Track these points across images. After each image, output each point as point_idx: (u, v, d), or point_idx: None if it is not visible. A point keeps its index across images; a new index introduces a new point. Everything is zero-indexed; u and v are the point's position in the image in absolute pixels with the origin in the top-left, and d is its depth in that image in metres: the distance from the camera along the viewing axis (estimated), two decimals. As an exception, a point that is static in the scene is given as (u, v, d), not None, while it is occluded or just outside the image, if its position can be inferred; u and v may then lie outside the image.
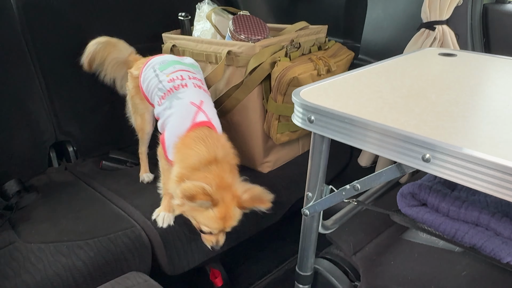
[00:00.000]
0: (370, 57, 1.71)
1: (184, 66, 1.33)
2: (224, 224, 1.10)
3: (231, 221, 1.12)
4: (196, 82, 1.27)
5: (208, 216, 1.08)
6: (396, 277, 0.89)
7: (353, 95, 0.82)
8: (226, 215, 1.09)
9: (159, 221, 1.24)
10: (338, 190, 0.80)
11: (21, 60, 1.47)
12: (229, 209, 1.09)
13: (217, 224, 1.09)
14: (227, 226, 1.12)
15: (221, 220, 1.09)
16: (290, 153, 1.64)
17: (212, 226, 1.10)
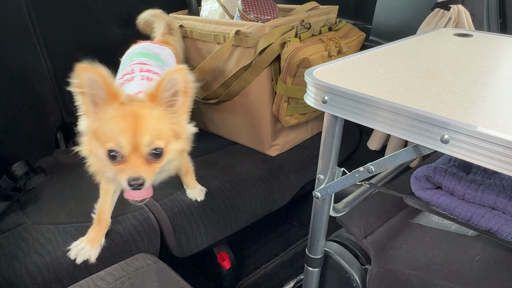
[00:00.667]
0: (382, 39, 1.67)
1: (144, 58, 1.17)
2: (133, 128, 0.78)
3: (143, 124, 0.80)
4: (147, 75, 1.10)
5: (107, 117, 0.80)
6: (408, 261, 0.88)
7: (368, 75, 0.80)
8: (134, 114, 0.79)
9: (72, 254, 1.03)
10: (351, 172, 0.78)
11: (27, 41, 1.45)
12: (136, 107, 0.81)
13: (120, 124, 0.79)
14: (138, 132, 0.79)
15: (126, 118, 0.79)
16: (299, 136, 1.63)
17: (115, 130, 0.79)
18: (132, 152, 0.80)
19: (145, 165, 0.81)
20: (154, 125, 0.82)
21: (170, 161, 0.88)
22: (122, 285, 0.94)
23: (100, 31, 1.62)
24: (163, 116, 0.83)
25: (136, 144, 0.79)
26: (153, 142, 0.81)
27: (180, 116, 0.87)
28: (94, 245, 1.06)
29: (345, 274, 0.96)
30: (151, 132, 0.80)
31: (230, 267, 1.50)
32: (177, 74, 0.81)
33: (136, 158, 0.80)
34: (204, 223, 1.27)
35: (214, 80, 1.57)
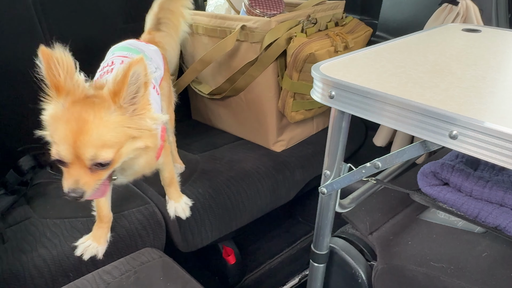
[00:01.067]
0: (389, 34, 1.66)
1: (127, 52, 1.11)
2: (74, 136, 0.70)
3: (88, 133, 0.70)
4: None
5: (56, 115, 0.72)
6: (414, 257, 0.88)
7: (375, 70, 0.79)
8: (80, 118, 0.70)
9: (79, 250, 1.01)
10: (358, 168, 0.78)
11: (33, 36, 1.46)
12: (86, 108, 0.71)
13: (61, 130, 0.71)
14: (80, 141, 0.70)
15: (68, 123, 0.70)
16: (304, 132, 1.62)
17: (56, 135, 0.72)
18: (75, 160, 0.72)
19: (87, 175, 0.73)
20: (101, 135, 0.72)
21: (133, 160, 0.81)
22: (128, 279, 0.95)
23: (106, 27, 1.62)
24: (117, 121, 0.73)
25: (78, 155, 0.71)
26: (97, 155, 0.72)
27: (141, 112, 0.77)
28: (100, 242, 1.06)
29: (350, 270, 0.96)
30: (95, 144, 0.72)
31: (235, 262, 1.50)
32: (140, 66, 0.71)
33: (78, 167, 0.72)
34: (209, 218, 1.27)
35: (219, 76, 1.57)
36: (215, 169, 1.39)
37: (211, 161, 1.45)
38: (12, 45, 1.40)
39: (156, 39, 1.32)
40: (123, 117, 0.74)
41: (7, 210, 1.24)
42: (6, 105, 1.41)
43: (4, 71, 1.39)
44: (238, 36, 1.39)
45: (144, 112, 0.76)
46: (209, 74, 1.60)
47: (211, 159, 1.47)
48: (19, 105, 1.44)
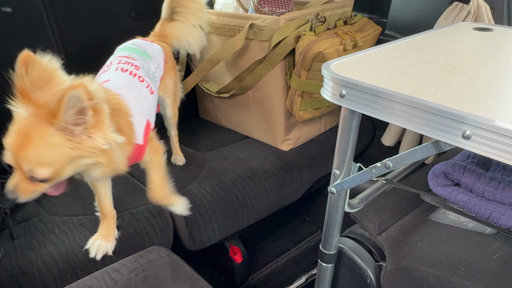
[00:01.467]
0: (398, 33, 1.64)
1: (129, 52, 1.15)
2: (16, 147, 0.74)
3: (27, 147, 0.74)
4: (122, 66, 1.07)
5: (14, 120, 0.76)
6: (424, 258, 0.87)
7: (386, 69, 0.78)
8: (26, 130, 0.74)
9: (92, 252, 1.03)
10: (368, 168, 0.77)
11: (42, 34, 1.46)
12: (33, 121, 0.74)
13: (9, 138, 0.75)
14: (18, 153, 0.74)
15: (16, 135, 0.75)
16: (312, 131, 1.61)
17: (6, 144, 0.76)
18: (18, 167, 0.76)
19: (26, 184, 0.77)
20: (39, 153, 0.74)
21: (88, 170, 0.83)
22: (136, 277, 0.95)
23: (114, 25, 1.62)
24: (57, 142, 0.74)
25: (19, 164, 0.75)
26: (33, 171, 0.75)
27: (91, 132, 0.76)
28: (109, 240, 1.06)
29: (359, 270, 0.96)
30: (32, 161, 0.75)
31: (241, 261, 1.50)
32: (77, 91, 0.69)
33: (20, 174, 0.77)
34: (216, 216, 1.27)
35: (227, 74, 1.56)
36: (223, 168, 1.39)
37: (219, 160, 1.45)
38: (21, 43, 1.40)
39: (167, 30, 1.34)
40: (64, 137, 0.74)
41: (16, 207, 1.25)
42: (15, 102, 1.41)
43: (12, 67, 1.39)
44: (247, 34, 1.38)
45: (94, 132, 0.76)
46: (216, 72, 1.59)
47: (219, 157, 1.47)
48: (28, 103, 1.44)
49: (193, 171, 1.38)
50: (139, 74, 1.07)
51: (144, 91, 1.05)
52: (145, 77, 1.08)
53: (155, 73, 1.15)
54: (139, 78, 1.06)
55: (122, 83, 1.01)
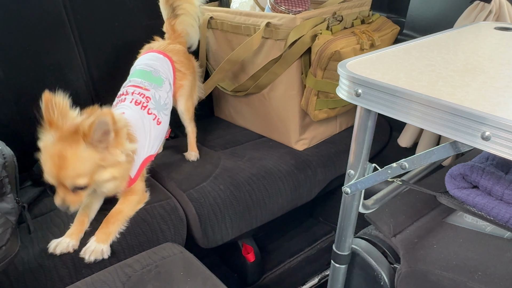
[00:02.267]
0: (416, 33, 1.62)
1: (141, 79, 1.29)
2: (57, 168, 0.92)
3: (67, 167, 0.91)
4: (136, 98, 1.23)
5: (44, 146, 0.94)
6: (439, 262, 0.85)
7: (404, 68, 0.77)
8: (61, 154, 0.91)
9: (51, 246, 1.03)
10: (384, 168, 0.76)
11: (62, 32, 1.48)
12: (65, 144, 0.92)
13: (48, 163, 0.93)
14: (63, 175, 0.92)
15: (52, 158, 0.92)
16: (327, 131, 1.60)
17: (45, 166, 0.94)
18: (60, 184, 0.95)
19: (71, 195, 0.96)
20: (76, 167, 0.93)
21: (102, 186, 1.03)
22: (149, 273, 0.95)
23: (132, 23, 1.64)
24: (88, 155, 0.94)
25: (61, 182, 0.94)
26: (74, 182, 0.94)
27: (112, 150, 0.97)
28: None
29: (372, 272, 0.94)
30: (72, 176, 0.93)
31: (254, 260, 1.50)
32: (106, 118, 0.92)
33: (63, 189, 0.96)
34: (230, 215, 1.27)
35: (243, 73, 1.56)
36: (237, 166, 1.39)
37: (233, 158, 1.45)
38: (41, 40, 1.44)
39: (177, 28, 1.46)
40: (93, 152, 0.95)
41: (33, 201, 1.27)
42: (34, 98, 1.43)
43: (33, 65, 1.42)
44: (263, 33, 1.38)
45: (114, 148, 0.97)
46: (232, 71, 1.59)
47: (233, 156, 1.47)
48: (47, 99, 1.47)
49: (207, 169, 1.38)
50: (149, 107, 1.24)
51: (151, 123, 1.22)
52: (153, 109, 1.25)
53: (166, 100, 1.31)
54: (148, 110, 1.23)
55: (134, 118, 1.17)
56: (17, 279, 0.98)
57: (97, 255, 1.02)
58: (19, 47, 1.39)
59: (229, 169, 1.38)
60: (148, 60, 1.36)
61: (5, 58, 1.36)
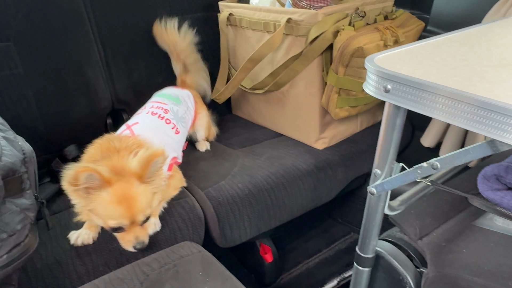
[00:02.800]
0: (441, 29, 1.57)
1: (162, 98, 1.39)
2: (129, 209, 0.95)
3: (136, 205, 0.96)
4: (153, 110, 1.31)
5: (104, 201, 0.94)
6: (469, 267, 0.81)
7: (435, 63, 0.73)
8: (127, 198, 0.94)
9: (72, 237, 1.06)
10: (413, 168, 0.73)
11: (81, 28, 1.48)
12: (127, 189, 0.95)
13: (118, 211, 0.94)
14: (135, 214, 0.96)
15: (120, 204, 0.94)
16: (348, 130, 1.56)
17: (115, 215, 0.95)
18: (131, 224, 0.98)
19: (139, 229, 1.00)
20: (143, 202, 0.98)
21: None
22: (167, 272, 0.94)
23: (150, 19, 1.63)
24: (147, 190, 0.99)
25: (133, 220, 0.97)
26: (145, 214, 0.99)
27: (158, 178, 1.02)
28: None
29: (397, 276, 0.91)
30: (142, 209, 0.98)
31: (272, 261, 1.47)
32: (160, 158, 0.97)
33: (135, 228, 0.99)
34: (248, 214, 1.25)
35: (262, 70, 1.54)
36: (255, 165, 1.37)
37: (251, 157, 1.43)
38: (60, 37, 1.43)
39: (188, 81, 1.59)
40: (148, 186, 1.00)
41: (52, 198, 1.27)
42: (53, 94, 1.44)
43: (52, 61, 1.42)
44: (283, 29, 1.35)
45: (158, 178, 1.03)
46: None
47: (251, 154, 1.45)
48: (65, 95, 1.47)
49: (225, 167, 1.36)
50: (167, 117, 1.30)
51: (170, 131, 1.28)
52: (172, 119, 1.31)
53: (184, 115, 1.38)
54: (166, 120, 1.29)
55: (149, 125, 1.24)
56: (36, 275, 0.98)
57: (153, 228, 1.07)
58: (39, 44, 1.39)
59: (248, 167, 1.36)
60: (166, 90, 1.48)
61: (25, 55, 1.37)
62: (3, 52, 1.33)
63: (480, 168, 0.93)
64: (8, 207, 0.83)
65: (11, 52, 1.34)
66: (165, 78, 1.70)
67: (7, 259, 0.79)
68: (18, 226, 0.82)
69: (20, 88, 1.37)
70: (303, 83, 1.42)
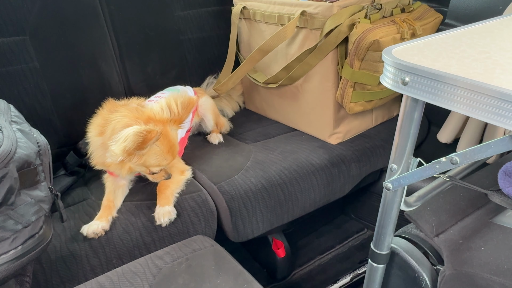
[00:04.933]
0: (460, 22, 1.53)
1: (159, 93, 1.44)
2: (172, 157, 1.11)
3: (176, 151, 1.13)
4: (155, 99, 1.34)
5: (156, 153, 1.07)
6: (488, 265, 0.79)
7: (455, 55, 0.71)
8: (172, 146, 1.10)
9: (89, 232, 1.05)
10: (431, 163, 0.71)
11: (96, 22, 1.49)
12: (171, 137, 1.10)
13: (167, 159, 1.10)
14: (174, 157, 1.13)
15: (168, 153, 1.09)
16: (362, 125, 1.54)
17: (163, 162, 1.10)
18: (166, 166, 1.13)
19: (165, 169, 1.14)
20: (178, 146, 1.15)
21: None
22: (179, 265, 0.94)
23: (164, 13, 1.63)
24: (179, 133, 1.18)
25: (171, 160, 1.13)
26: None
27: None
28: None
29: (413, 273, 0.89)
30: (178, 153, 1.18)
31: (284, 256, 1.46)
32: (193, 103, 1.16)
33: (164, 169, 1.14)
34: (261, 208, 1.24)
35: (275, 64, 1.52)
36: (268, 159, 1.36)
37: (264, 151, 1.42)
38: (75, 31, 1.44)
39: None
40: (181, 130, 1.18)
41: (66, 191, 1.28)
42: (68, 88, 1.45)
43: (68, 55, 1.43)
44: (297, 22, 1.33)
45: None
46: (264, 62, 1.56)
47: (264, 149, 1.44)
48: (80, 89, 1.48)
49: (238, 161, 1.35)
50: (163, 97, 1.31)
51: None
52: None
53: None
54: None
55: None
56: (50, 267, 0.99)
57: (168, 216, 1.10)
58: (55, 38, 1.40)
59: (261, 162, 1.35)
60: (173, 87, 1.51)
61: (40, 48, 1.38)
62: (19, 46, 1.34)
63: (499, 164, 0.91)
64: (23, 198, 0.83)
65: (26, 46, 1.36)
66: (179, 72, 1.70)
67: (22, 250, 0.80)
68: (33, 218, 0.82)
69: (36, 82, 1.38)
70: (317, 77, 1.40)
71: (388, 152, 0.83)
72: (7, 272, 0.78)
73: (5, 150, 0.80)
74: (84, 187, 1.31)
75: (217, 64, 1.71)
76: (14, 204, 0.81)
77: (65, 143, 1.45)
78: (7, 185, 0.79)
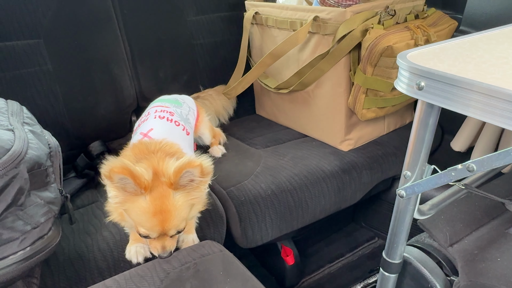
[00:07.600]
0: (475, 29, 1.50)
1: (162, 103, 1.30)
2: (162, 224, 0.90)
3: (170, 220, 0.90)
4: (159, 114, 1.22)
5: (140, 207, 0.89)
6: (505, 277, 0.77)
7: (472, 60, 0.70)
8: (162, 210, 0.89)
9: (133, 257, 1.01)
10: (447, 170, 0.69)
11: (108, 25, 1.50)
12: (164, 200, 0.89)
13: (151, 221, 0.89)
14: (167, 228, 0.91)
15: (155, 216, 0.89)
16: (374, 131, 1.52)
17: (147, 225, 0.90)
18: (163, 234, 0.92)
19: (169, 241, 0.94)
20: (179, 217, 0.91)
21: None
22: (187, 270, 0.92)
23: (177, 18, 1.64)
24: (184, 199, 0.92)
25: (165, 233, 0.92)
26: (178, 229, 0.93)
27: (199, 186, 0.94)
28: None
29: (426, 284, 0.87)
30: (176, 225, 0.92)
31: (293, 263, 1.45)
32: (195, 170, 0.89)
33: (163, 239, 0.93)
34: (270, 215, 1.23)
35: (287, 69, 1.52)
36: (279, 165, 1.34)
37: (274, 157, 1.41)
38: (89, 34, 1.45)
39: None
40: (184, 194, 0.93)
41: (76, 193, 1.28)
42: (80, 91, 1.46)
43: (80, 58, 1.44)
44: (310, 28, 1.33)
45: (200, 186, 0.95)
46: (276, 67, 1.55)
47: (275, 154, 1.43)
48: (91, 92, 1.49)
49: (248, 166, 1.34)
50: (175, 120, 1.22)
51: (181, 133, 1.20)
52: (180, 121, 1.24)
53: (188, 116, 1.30)
54: (175, 122, 1.22)
55: (164, 129, 1.17)
56: (58, 269, 0.98)
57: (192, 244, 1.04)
58: (68, 41, 1.41)
59: (271, 167, 1.33)
60: (162, 97, 1.38)
61: (54, 52, 1.39)
62: (33, 49, 1.36)
63: (516, 173, 0.89)
64: (33, 199, 0.83)
65: (40, 49, 1.37)
66: (190, 77, 1.70)
67: (31, 251, 0.79)
68: (42, 219, 0.82)
69: (49, 84, 1.39)
70: (329, 83, 1.39)
71: (400, 160, 0.81)
72: (15, 273, 0.77)
73: (16, 151, 0.81)
74: (94, 190, 1.31)
75: (228, 69, 1.71)
76: (24, 205, 0.81)
77: (76, 146, 1.45)
78: (17, 186, 0.79)
